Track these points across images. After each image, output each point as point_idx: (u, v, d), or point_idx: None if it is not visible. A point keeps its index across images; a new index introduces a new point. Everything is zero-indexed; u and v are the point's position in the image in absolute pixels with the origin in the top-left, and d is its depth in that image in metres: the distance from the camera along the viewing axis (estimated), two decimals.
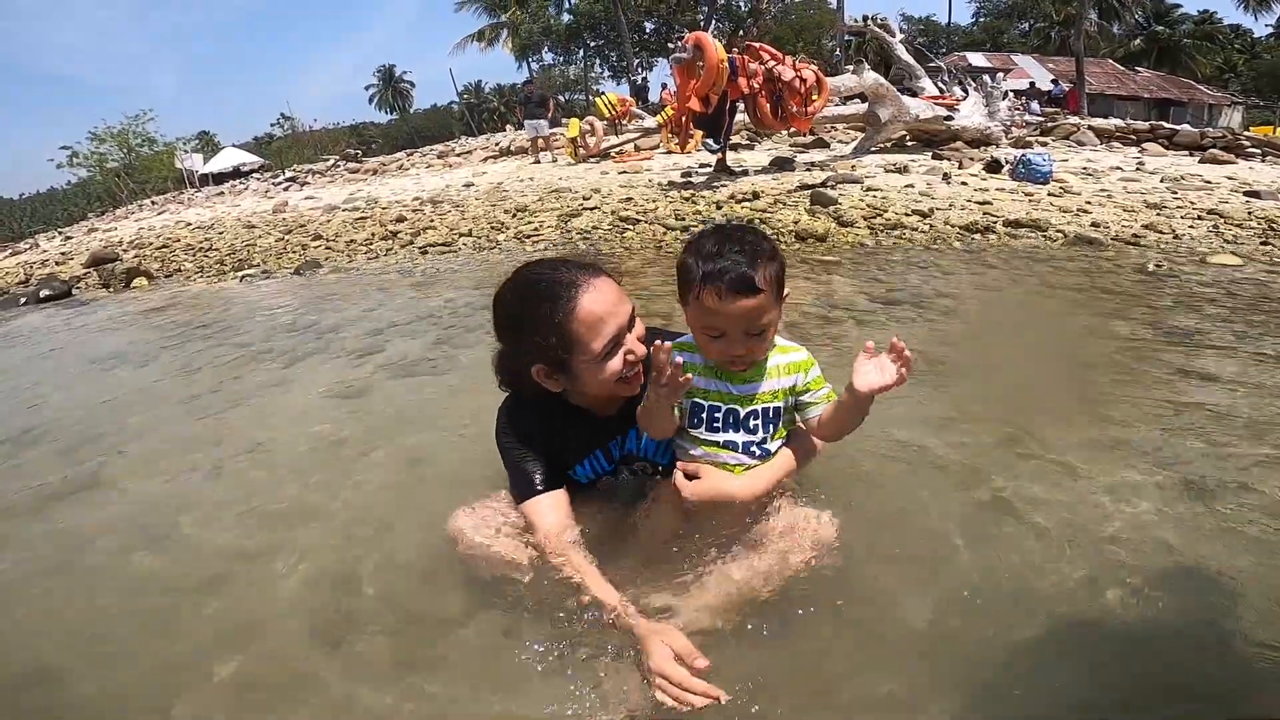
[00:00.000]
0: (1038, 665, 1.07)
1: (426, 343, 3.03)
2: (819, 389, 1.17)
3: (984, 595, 1.20)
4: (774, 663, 1.07)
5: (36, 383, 3.14)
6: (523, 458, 1.21)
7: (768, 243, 1.07)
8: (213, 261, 6.39)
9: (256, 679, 1.15)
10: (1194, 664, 1.07)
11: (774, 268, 1.04)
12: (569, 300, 1.06)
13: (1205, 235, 4.49)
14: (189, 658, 1.21)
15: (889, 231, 4.88)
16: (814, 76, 7.50)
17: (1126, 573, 1.23)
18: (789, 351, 1.16)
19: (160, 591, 1.42)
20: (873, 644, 1.13)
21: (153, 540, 1.61)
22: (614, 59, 29.87)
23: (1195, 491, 1.48)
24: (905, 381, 1.04)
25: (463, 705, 1.05)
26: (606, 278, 1.12)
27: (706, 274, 1.01)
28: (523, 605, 1.17)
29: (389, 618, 1.26)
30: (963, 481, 1.56)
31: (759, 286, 1.01)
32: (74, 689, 1.16)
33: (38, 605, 1.42)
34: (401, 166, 13.88)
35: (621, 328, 1.09)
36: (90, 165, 23.90)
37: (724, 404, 1.15)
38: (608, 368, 1.09)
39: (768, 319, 1.06)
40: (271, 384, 2.71)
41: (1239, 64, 31.71)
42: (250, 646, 1.21)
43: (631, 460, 1.30)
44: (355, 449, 1.99)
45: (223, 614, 1.32)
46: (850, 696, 1.03)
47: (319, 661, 1.16)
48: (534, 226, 5.94)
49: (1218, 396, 1.99)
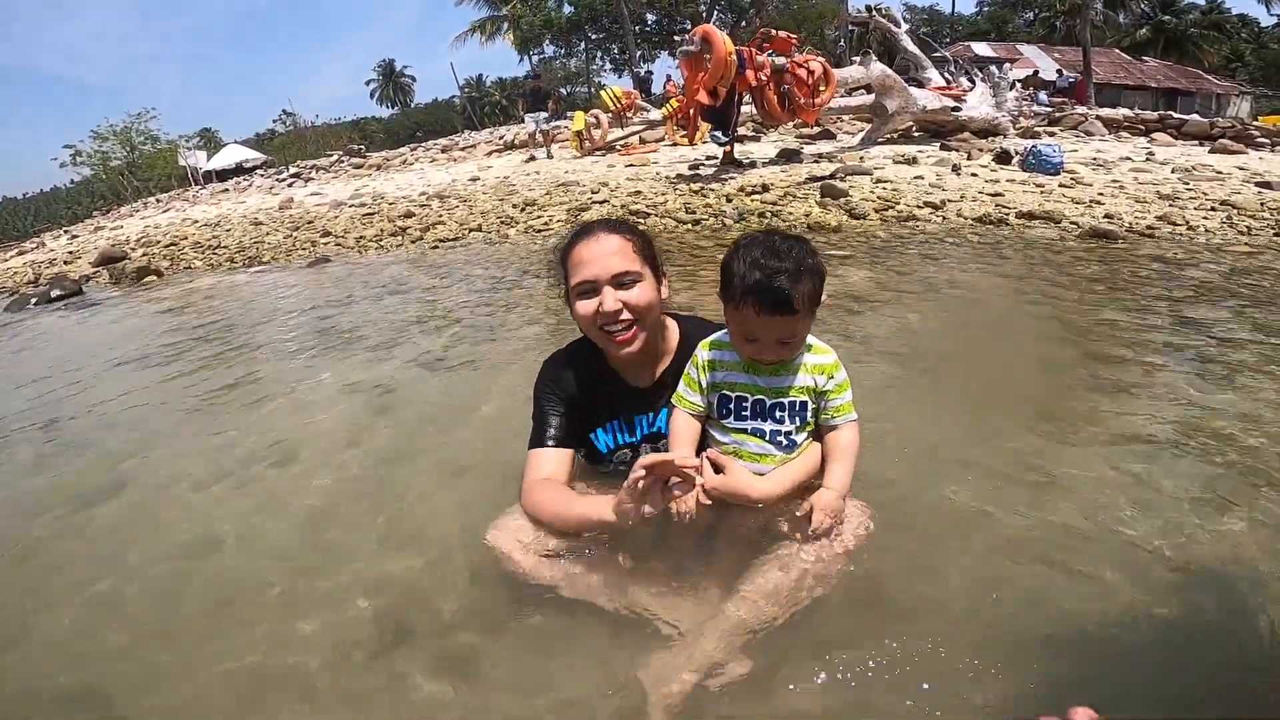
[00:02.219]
0: (1060, 657, 1.08)
1: (448, 339, 3.03)
2: (836, 398, 1.18)
3: (998, 586, 1.21)
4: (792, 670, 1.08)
5: (57, 384, 3.14)
6: (548, 409, 1.29)
7: (811, 259, 1.08)
8: (223, 259, 6.40)
9: (298, 686, 1.14)
10: (1218, 660, 1.08)
11: (812, 285, 1.07)
12: (574, 242, 1.22)
13: (1219, 227, 4.46)
14: (229, 666, 1.20)
15: (902, 223, 4.86)
16: (821, 68, 7.47)
17: (1146, 567, 1.24)
18: (820, 353, 1.18)
19: (197, 599, 1.41)
20: (888, 636, 1.13)
21: (187, 545, 1.60)
22: (616, 52, 29.68)
23: (1218, 485, 1.48)
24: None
25: (499, 709, 1.06)
26: (618, 236, 1.20)
27: (747, 287, 1.06)
28: (557, 616, 1.18)
29: (432, 623, 1.26)
30: (978, 473, 1.57)
31: (795, 308, 1.06)
32: (112, 709, 1.14)
33: (77, 616, 1.39)
34: (405, 161, 13.85)
35: (599, 277, 1.17)
36: (94, 164, 23.93)
37: (751, 395, 1.18)
38: (578, 307, 1.20)
39: (801, 331, 1.12)
40: (295, 381, 2.71)
41: (1246, 53, 31.39)
42: (292, 655, 1.21)
43: (658, 439, 1.31)
44: (385, 449, 1.99)
45: (260, 622, 1.30)
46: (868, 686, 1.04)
47: (361, 666, 1.17)
48: (544, 221, 5.93)
49: (1236, 389, 1.99)
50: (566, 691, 1.08)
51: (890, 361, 2.36)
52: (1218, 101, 24.30)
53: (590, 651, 1.13)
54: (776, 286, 1.04)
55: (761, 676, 1.05)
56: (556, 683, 1.10)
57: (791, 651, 1.09)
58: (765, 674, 1.05)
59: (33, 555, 1.65)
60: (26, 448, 2.34)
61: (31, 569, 1.59)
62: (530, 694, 1.09)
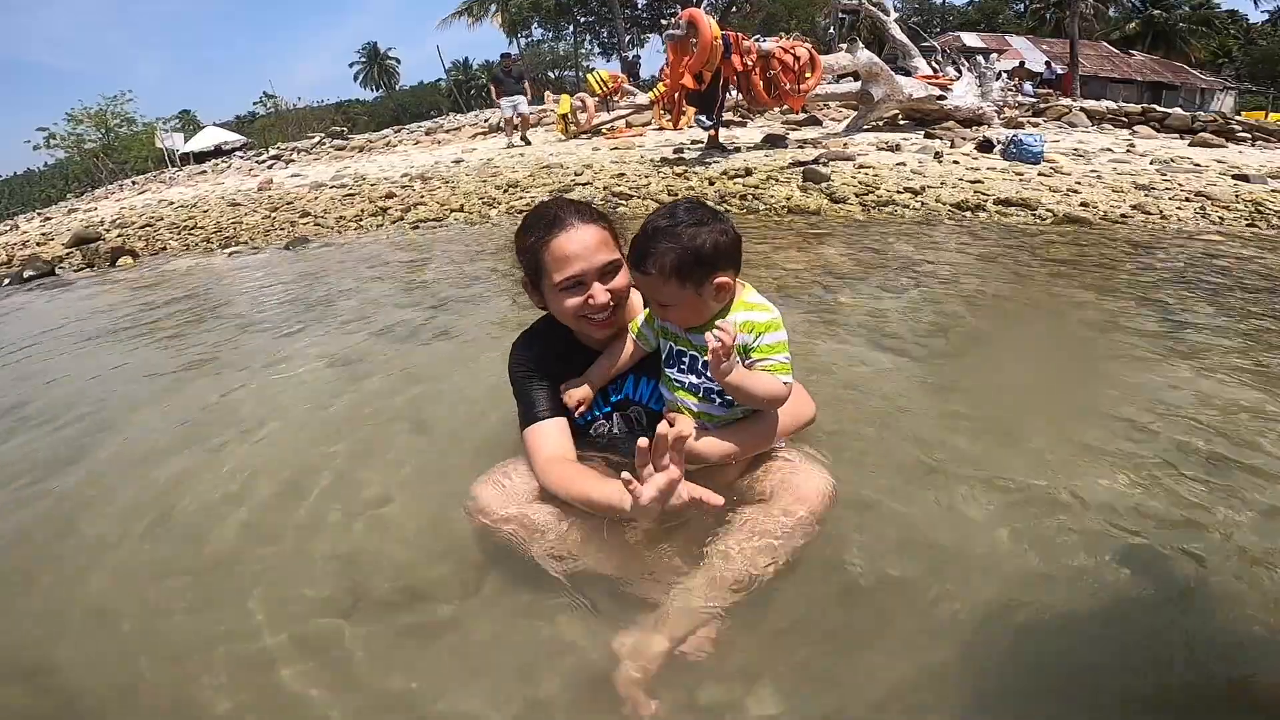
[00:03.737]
0: (1041, 641, 1.08)
1: (424, 314, 3.01)
2: (762, 358, 1.14)
3: (968, 564, 1.22)
4: (775, 638, 1.09)
5: (24, 358, 3.08)
6: (529, 386, 1.28)
7: (696, 232, 1.07)
8: (199, 239, 6.29)
9: (273, 658, 1.12)
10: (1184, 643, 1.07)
11: (675, 257, 1.06)
12: (548, 234, 1.17)
13: (1192, 217, 4.54)
14: (202, 641, 1.17)
15: (881, 208, 4.89)
16: (808, 54, 7.44)
17: (1099, 536, 1.26)
18: (752, 309, 1.15)
19: (169, 573, 1.36)
20: (866, 616, 1.13)
21: (158, 519, 1.55)
22: (604, 35, 29.34)
23: (1182, 464, 1.50)
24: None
25: (486, 676, 1.06)
26: (594, 226, 1.18)
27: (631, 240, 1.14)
28: (530, 588, 1.18)
29: (411, 592, 1.25)
30: (950, 449, 1.59)
31: (648, 269, 1.09)
32: (81, 679, 1.12)
33: (36, 588, 1.37)
34: (389, 143, 13.63)
35: (586, 272, 1.16)
36: (67, 147, 23.34)
37: (688, 350, 1.19)
38: (565, 301, 1.19)
39: (668, 297, 1.11)
40: (270, 357, 2.67)
41: (1234, 49, 31.70)
42: (267, 625, 1.18)
43: (626, 406, 1.32)
44: (362, 419, 1.97)
45: (236, 594, 1.27)
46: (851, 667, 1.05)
47: (338, 638, 1.15)
48: (526, 202, 5.89)
49: (1203, 370, 2.03)
50: (538, 664, 1.07)
51: (862, 335, 2.39)
52: (1202, 96, 24.58)
53: (562, 623, 1.13)
54: (639, 240, 1.10)
55: (732, 645, 1.05)
56: (528, 654, 1.09)
57: (763, 619, 1.10)
58: (736, 642, 1.05)
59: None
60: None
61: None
62: (501, 664, 1.08)
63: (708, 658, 1.03)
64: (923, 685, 1.00)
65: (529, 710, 1.01)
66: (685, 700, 0.99)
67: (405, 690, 1.04)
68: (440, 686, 1.05)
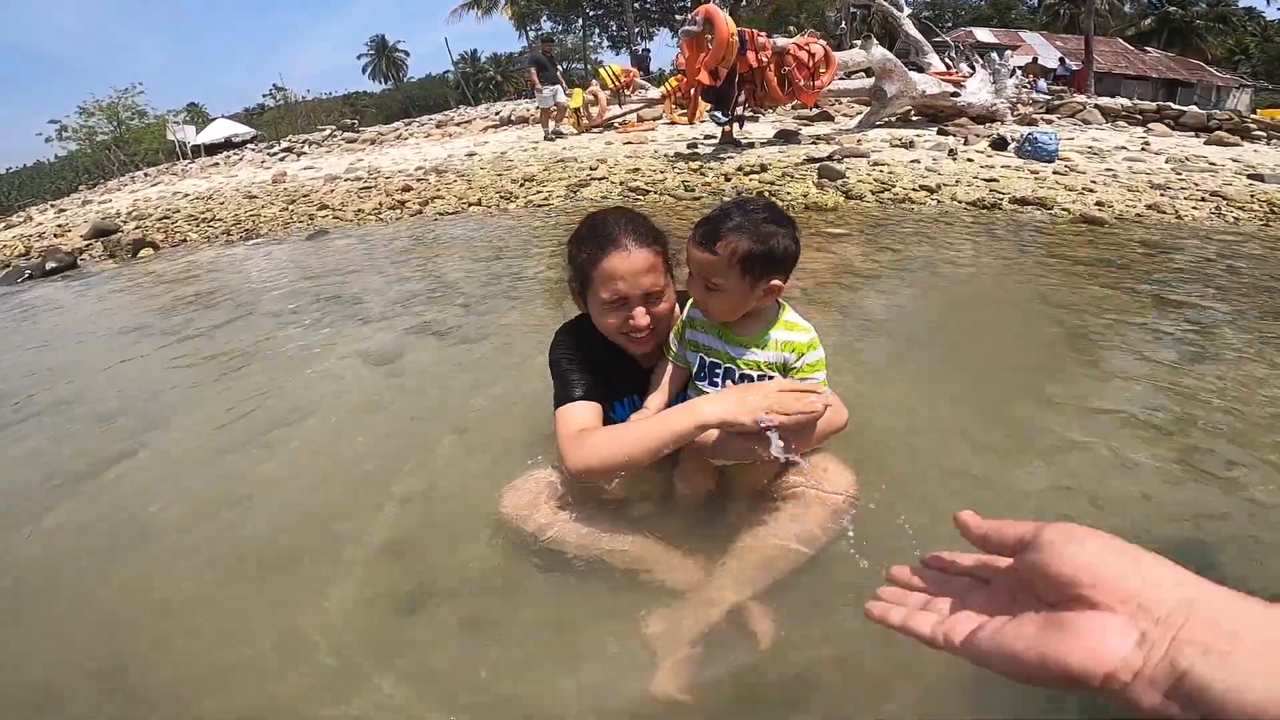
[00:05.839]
0: None
1: (456, 309, 3.05)
2: (807, 377, 1.17)
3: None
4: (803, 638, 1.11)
5: (64, 352, 3.13)
6: (570, 369, 1.28)
7: (768, 230, 1.09)
8: (218, 231, 6.36)
9: (326, 646, 1.16)
10: None
11: (748, 246, 1.07)
12: (600, 252, 1.19)
13: (1208, 217, 4.54)
14: (254, 628, 1.21)
15: (897, 205, 4.92)
16: (822, 51, 7.44)
17: (1117, 532, 1.31)
18: (792, 330, 1.18)
19: (221, 568, 1.40)
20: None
21: (210, 509, 1.61)
22: (614, 28, 29.21)
23: (1196, 456, 1.55)
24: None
25: (522, 673, 1.09)
26: (647, 251, 1.19)
27: (700, 220, 1.14)
28: (568, 578, 1.22)
29: (448, 585, 1.28)
30: (968, 451, 1.62)
31: (717, 251, 1.09)
32: (150, 675, 1.15)
33: (99, 582, 1.39)
34: (400, 136, 13.67)
35: (631, 296, 1.18)
36: (79, 139, 23.52)
37: (722, 362, 1.21)
38: (606, 319, 1.22)
39: (726, 285, 1.11)
40: (306, 349, 2.72)
41: (1251, 46, 31.30)
42: (318, 615, 1.22)
43: None
44: (399, 415, 2.01)
45: (285, 591, 1.31)
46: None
47: (385, 625, 1.19)
48: (543, 196, 5.94)
49: (1217, 367, 2.08)
50: (577, 652, 1.11)
51: (882, 333, 2.44)
52: (1218, 93, 24.30)
53: (601, 613, 1.16)
54: (714, 220, 1.10)
55: (766, 633, 1.08)
56: (568, 644, 1.13)
57: (797, 608, 1.12)
58: (770, 631, 1.08)
59: (52, 522, 1.64)
60: (40, 414, 2.36)
61: (52, 536, 1.59)
62: (542, 654, 1.12)
63: (743, 647, 1.07)
64: (923, 685, 1.04)
65: (580, 697, 1.05)
66: (713, 683, 1.03)
67: (474, 678, 1.09)
68: (505, 674, 1.09)
